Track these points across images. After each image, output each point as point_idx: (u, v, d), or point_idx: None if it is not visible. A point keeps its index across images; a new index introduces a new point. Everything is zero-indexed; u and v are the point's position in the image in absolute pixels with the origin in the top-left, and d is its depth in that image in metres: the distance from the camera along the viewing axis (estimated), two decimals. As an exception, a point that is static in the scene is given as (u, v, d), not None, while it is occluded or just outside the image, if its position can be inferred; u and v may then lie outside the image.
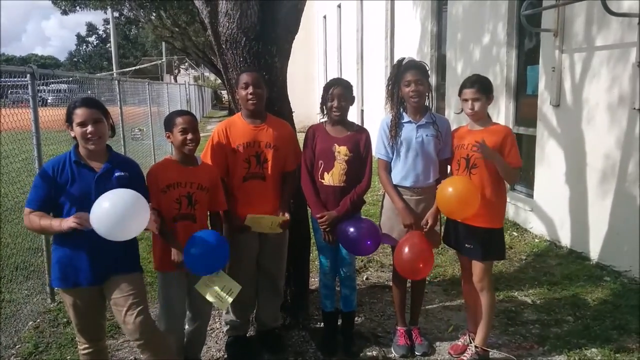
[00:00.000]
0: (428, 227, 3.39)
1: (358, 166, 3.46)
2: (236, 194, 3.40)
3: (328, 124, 3.53)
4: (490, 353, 3.51)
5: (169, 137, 3.13)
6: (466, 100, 3.30)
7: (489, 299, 3.38)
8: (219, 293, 3.04)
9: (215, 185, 3.22)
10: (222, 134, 3.39)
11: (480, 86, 3.26)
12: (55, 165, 2.69)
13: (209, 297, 3.03)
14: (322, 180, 3.44)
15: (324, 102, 3.49)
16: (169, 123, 3.11)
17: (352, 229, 3.35)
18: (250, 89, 3.31)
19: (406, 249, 3.24)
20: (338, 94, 3.41)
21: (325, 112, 3.53)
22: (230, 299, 3.06)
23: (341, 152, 3.39)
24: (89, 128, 2.68)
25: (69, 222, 2.55)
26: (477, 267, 3.37)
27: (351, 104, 3.50)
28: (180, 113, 3.16)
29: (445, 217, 3.44)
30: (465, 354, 3.51)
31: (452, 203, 3.16)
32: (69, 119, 2.72)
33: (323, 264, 3.68)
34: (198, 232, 2.98)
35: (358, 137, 3.48)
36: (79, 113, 2.69)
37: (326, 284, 3.73)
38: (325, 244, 3.55)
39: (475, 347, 3.45)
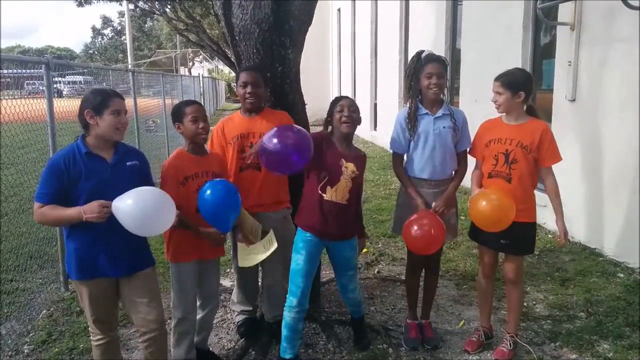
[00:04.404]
0: (440, 210, 3.33)
1: (358, 186, 3.31)
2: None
3: (335, 138, 3.29)
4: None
5: (178, 127, 3.13)
6: (493, 92, 3.31)
7: (521, 291, 3.54)
8: (265, 251, 3.18)
9: (225, 172, 3.30)
10: (219, 131, 3.48)
11: (504, 81, 3.24)
12: (66, 158, 2.65)
13: (262, 258, 3.17)
14: (323, 195, 3.17)
15: (330, 116, 3.28)
16: (178, 113, 3.11)
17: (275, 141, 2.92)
18: (248, 88, 3.37)
19: (415, 227, 3.20)
20: (347, 104, 3.21)
21: (331, 127, 3.32)
22: (273, 241, 3.18)
23: (349, 168, 3.19)
24: (124, 118, 2.71)
25: (92, 215, 2.52)
26: (513, 261, 3.40)
27: (359, 122, 3.28)
28: (189, 103, 3.18)
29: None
30: (503, 346, 3.50)
31: (488, 220, 3.15)
32: (101, 106, 2.65)
33: (292, 292, 3.21)
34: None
35: (361, 160, 3.33)
36: (116, 102, 2.69)
37: (291, 324, 3.22)
38: (303, 265, 3.20)
39: (511, 336, 3.51)
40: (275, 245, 3.17)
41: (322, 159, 3.17)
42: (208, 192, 2.88)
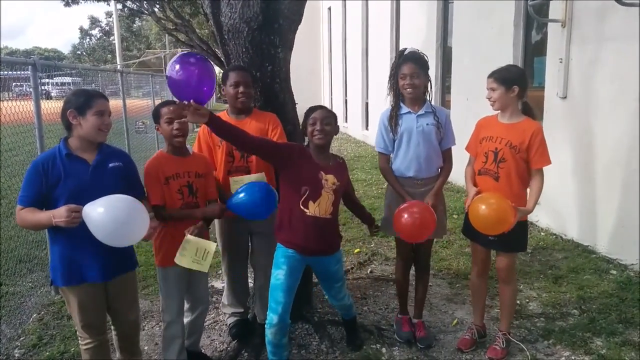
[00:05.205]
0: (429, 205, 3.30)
1: (340, 197, 3.19)
2: (222, 188, 3.38)
3: (312, 151, 3.15)
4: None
5: (157, 129, 3.12)
6: (487, 89, 3.30)
7: (514, 289, 3.53)
8: (194, 257, 2.98)
9: (209, 173, 3.24)
10: (207, 131, 3.41)
11: (498, 77, 3.24)
12: (46, 161, 2.60)
13: (188, 265, 2.97)
14: (306, 210, 3.01)
15: (304, 129, 3.16)
16: (156, 115, 3.08)
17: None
18: (241, 88, 3.33)
19: (405, 215, 3.14)
20: (320, 117, 3.07)
21: (306, 139, 3.21)
22: (208, 260, 2.99)
23: (329, 180, 3.04)
24: (107, 119, 2.68)
25: (60, 219, 2.43)
26: (504, 259, 3.40)
27: (335, 133, 3.16)
28: (165, 103, 3.12)
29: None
30: (496, 344, 3.50)
31: (487, 224, 3.08)
32: (84, 107, 2.62)
33: (272, 308, 3.02)
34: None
35: (342, 167, 3.23)
36: (100, 103, 2.65)
37: (273, 342, 3.04)
38: (284, 279, 3.05)
39: (503, 334, 3.51)
40: (208, 264, 3.02)
41: (300, 173, 3.03)
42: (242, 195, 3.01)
